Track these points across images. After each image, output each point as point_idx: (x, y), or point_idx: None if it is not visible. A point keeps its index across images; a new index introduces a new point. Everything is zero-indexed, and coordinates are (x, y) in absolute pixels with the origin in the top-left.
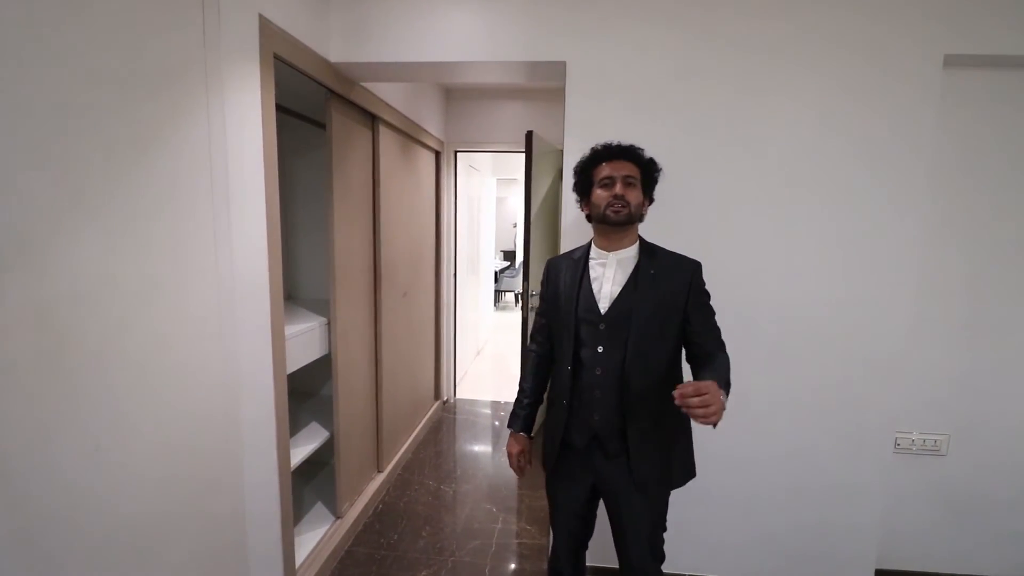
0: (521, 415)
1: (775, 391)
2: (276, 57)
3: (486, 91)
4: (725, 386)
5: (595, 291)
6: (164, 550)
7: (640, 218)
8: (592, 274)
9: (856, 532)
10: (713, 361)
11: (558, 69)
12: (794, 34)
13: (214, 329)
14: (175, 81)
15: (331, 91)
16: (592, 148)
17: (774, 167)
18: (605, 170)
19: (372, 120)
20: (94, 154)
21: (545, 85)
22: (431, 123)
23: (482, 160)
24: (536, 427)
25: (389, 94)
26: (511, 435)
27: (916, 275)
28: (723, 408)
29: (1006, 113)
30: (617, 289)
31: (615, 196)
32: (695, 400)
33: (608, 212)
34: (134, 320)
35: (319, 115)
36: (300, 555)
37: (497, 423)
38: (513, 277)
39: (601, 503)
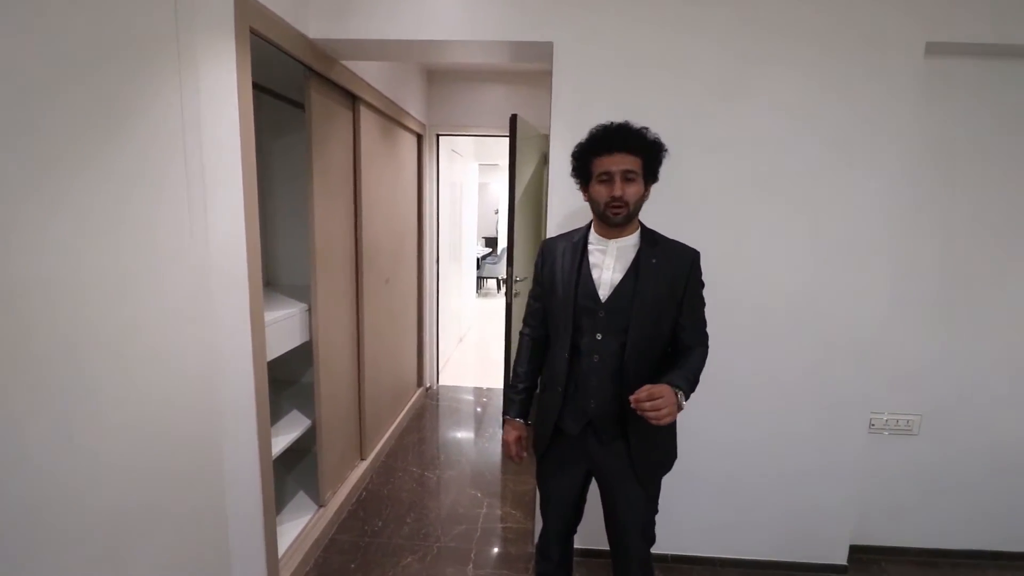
0: (517, 401)
1: (756, 376)
2: (252, 32)
3: (469, 73)
4: (690, 384)
5: (595, 278)
6: (142, 543)
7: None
8: (592, 260)
9: (833, 510)
10: (687, 358)
11: (545, 50)
12: (780, 16)
13: (191, 315)
14: (145, 56)
15: (310, 69)
16: (590, 132)
17: (757, 153)
18: (603, 163)
19: (353, 100)
20: (60, 132)
21: (529, 68)
22: (413, 105)
23: (464, 144)
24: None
25: (370, 74)
26: (507, 422)
27: (892, 261)
28: (678, 409)
29: (986, 102)
30: (618, 277)
31: (613, 197)
32: (647, 404)
33: (607, 212)
34: (106, 306)
35: (297, 94)
36: (283, 544)
37: (479, 409)
38: (495, 264)
39: (594, 489)
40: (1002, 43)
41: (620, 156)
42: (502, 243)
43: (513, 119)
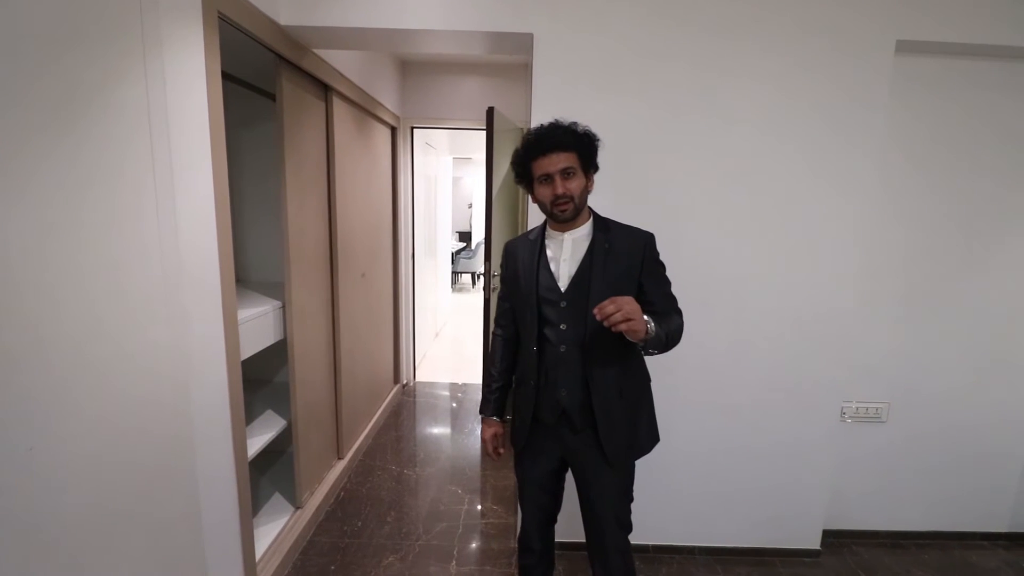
0: (492, 399)
1: (731, 368)
2: (221, 17)
3: (444, 65)
4: (659, 325)
5: (553, 271)
6: (111, 550)
7: (588, 194)
8: (549, 254)
9: (806, 497)
10: (665, 315)
11: (524, 42)
12: (757, 14)
13: (160, 313)
14: (106, 41)
15: (281, 57)
16: (524, 138)
17: (734, 150)
18: (541, 165)
19: (325, 90)
20: (17, 123)
21: (505, 60)
22: (387, 97)
23: (439, 137)
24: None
25: (343, 63)
26: (483, 420)
27: (862, 254)
28: (644, 324)
29: (954, 100)
30: (575, 267)
31: (556, 195)
32: (611, 308)
33: (555, 211)
34: (69, 304)
35: (268, 84)
36: (259, 548)
37: (455, 405)
38: (470, 258)
39: (570, 476)
40: (970, 43)
41: (556, 155)
42: (476, 237)
43: (490, 112)
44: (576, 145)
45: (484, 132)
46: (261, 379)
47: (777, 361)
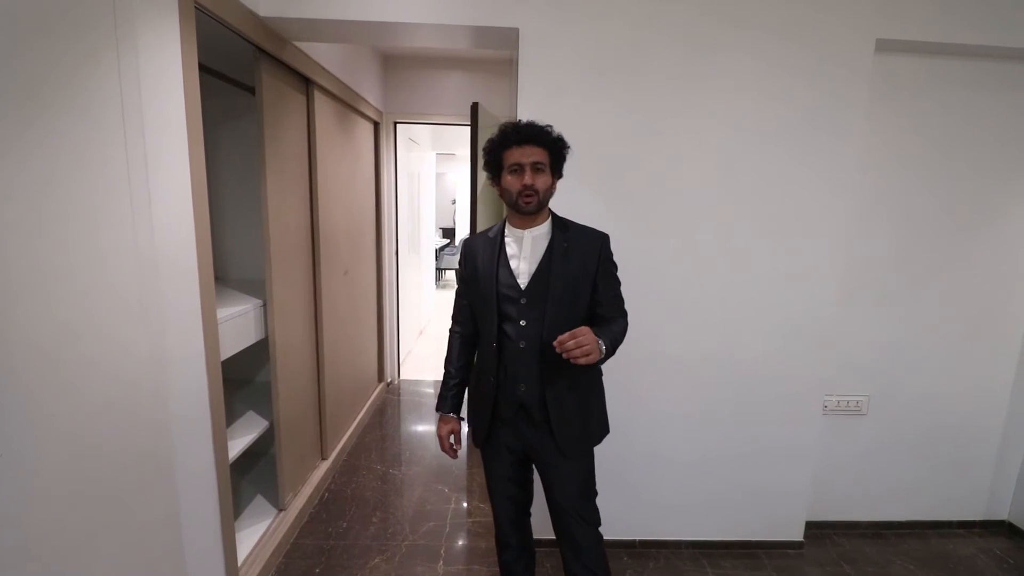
0: (448, 396)
1: (716, 364)
2: (198, 7)
3: (427, 59)
4: (610, 343)
5: (513, 268)
6: (89, 562)
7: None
8: (509, 251)
9: (790, 490)
10: (609, 324)
11: (510, 36)
12: (739, 9)
13: (136, 314)
14: (77, 33)
15: (260, 49)
16: (500, 128)
17: (718, 148)
18: (514, 155)
19: (307, 84)
20: None
21: (489, 55)
22: (369, 91)
23: (421, 133)
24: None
25: (324, 57)
26: (440, 418)
27: (846, 251)
28: (598, 351)
29: (934, 98)
30: (534, 265)
31: (524, 186)
32: (571, 343)
33: (520, 201)
34: (41, 305)
35: (246, 77)
36: (241, 552)
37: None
38: (453, 255)
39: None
40: (949, 42)
41: (529, 148)
42: (460, 233)
43: (474, 108)
44: (549, 144)
45: (467, 128)
46: (241, 378)
47: (762, 358)
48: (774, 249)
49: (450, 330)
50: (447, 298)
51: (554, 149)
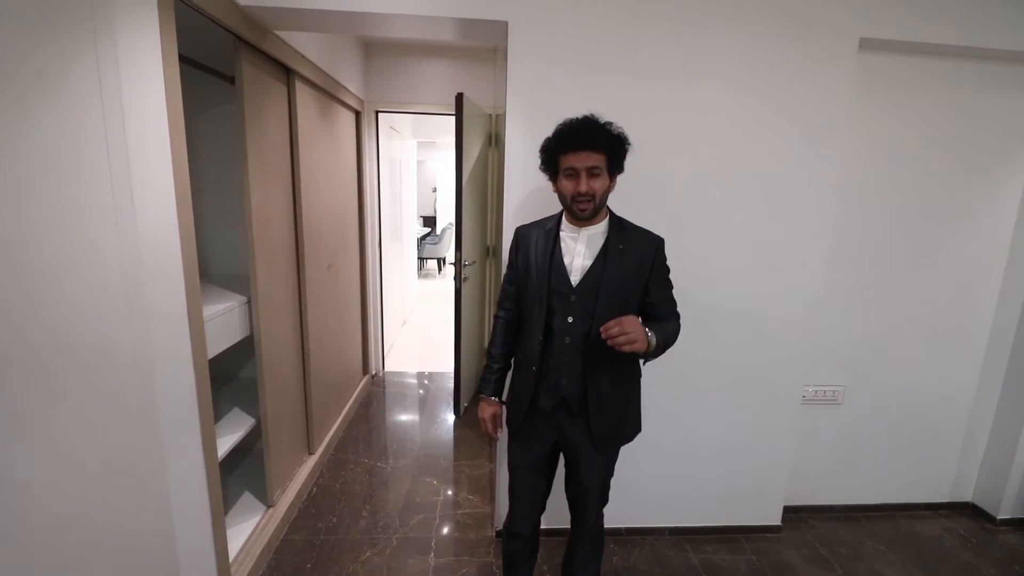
0: (492, 380)
1: (699, 356)
2: None
3: (409, 47)
4: (661, 338)
5: (567, 264)
6: (82, 563)
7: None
8: (564, 247)
9: (769, 477)
10: (661, 321)
11: (499, 29)
12: (724, 7)
13: (122, 314)
14: (54, 21)
15: (240, 39)
16: (557, 129)
17: (706, 144)
18: (569, 160)
19: (287, 74)
20: None
21: (473, 43)
22: (350, 80)
23: (403, 121)
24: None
25: (305, 45)
26: (483, 400)
27: (827, 247)
28: (645, 342)
29: (915, 97)
30: (588, 263)
31: (580, 193)
32: (616, 330)
33: (575, 208)
34: (24, 310)
35: (225, 66)
36: (232, 549)
37: (423, 392)
38: (435, 244)
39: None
40: (931, 42)
41: (585, 154)
42: (441, 222)
43: (459, 98)
44: (607, 146)
45: (450, 116)
46: (225, 375)
47: (743, 351)
48: (756, 245)
49: (495, 315)
50: (430, 288)
51: (612, 151)
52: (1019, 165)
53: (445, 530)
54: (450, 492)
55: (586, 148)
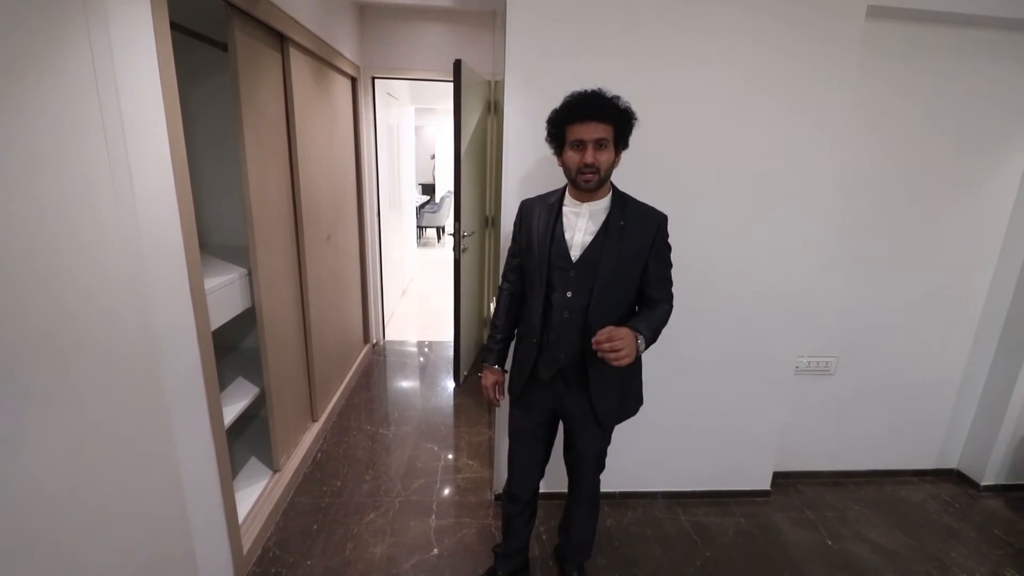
0: (495, 350)
1: (696, 327)
2: None
3: (406, 11)
4: (651, 332)
5: (568, 239)
6: (98, 531)
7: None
8: (565, 222)
9: (760, 444)
10: (652, 311)
11: None
12: None
13: (125, 289)
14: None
15: (232, 5)
16: (564, 100)
17: (706, 114)
18: (576, 131)
19: (281, 41)
20: None
21: (471, 7)
22: (346, 46)
23: (400, 88)
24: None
25: (298, 11)
26: (486, 368)
27: (826, 220)
28: (635, 352)
29: (921, 68)
30: (588, 238)
31: (586, 164)
32: (606, 346)
33: (579, 180)
34: (33, 287)
35: (215, 32)
36: (241, 512)
37: (422, 360)
38: (434, 212)
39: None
40: (939, 10)
41: (593, 125)
42: (440, 190)
43: (457, 65)
44: (615, 118)
45: (448, 83)
46: (227, 346)
47: (739, 322)
48: (754, 219)
49: (499, 287)
50: (429, 257)
51: (619, 123)
52: (1022, 138)
53: (446, 493)
54: (450, 457)
55: (594, 119)
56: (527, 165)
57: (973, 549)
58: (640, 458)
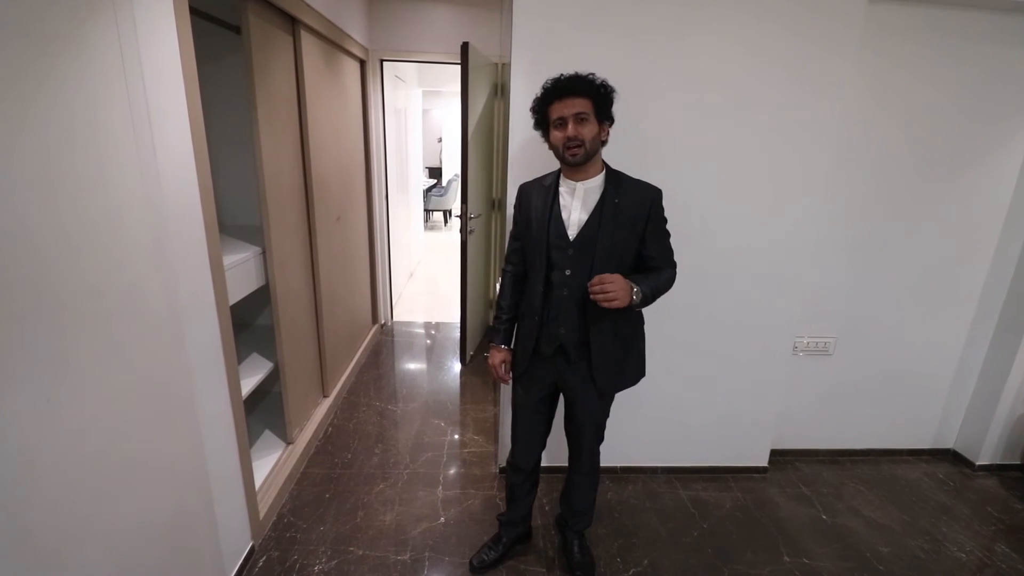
0: (501, 330)
1: (695, 306)
2: None
3: None
4: (649, 287)
5: (564, 219)
6: (128, 490)
7: (602, 145)
8: (561, 202)
9: (758, 422)
10: (656, 272)
11: None
12: None
13: (152, 264)
14: None
15: None
16: (543, 86)
17: (711, 93)
18: (556, 109)
19: (293, 24)
20: None
21: None
22: (355, 29)
23: (408, 70)
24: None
25: None
26: (493, 347)
27: (824, 200)
28: (628, 298)
29: (924, 50)
30: (584, 217)
31: (569, 138)
32: (597, 288)
33: (567, 155)
34: (70, 260)
35: (227, 14)
36: (257, 480)
37: (430, 342)
38: (441, 195)
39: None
40: None
41: (571, 100)
42: (447, 173)
43: (465, 47)
44: (591, 92)
45: (455, 65)
46: (243, 322)
47: (739, 302)
48: (755, 197)
49: (503, 269)
50: (436, 240)
51: (597, 97)
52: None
53: (452, 466)
54: (456, 433)
55: (570, 95)
56: (533, 148)
57: (965, 525)
58: (641, 434)
